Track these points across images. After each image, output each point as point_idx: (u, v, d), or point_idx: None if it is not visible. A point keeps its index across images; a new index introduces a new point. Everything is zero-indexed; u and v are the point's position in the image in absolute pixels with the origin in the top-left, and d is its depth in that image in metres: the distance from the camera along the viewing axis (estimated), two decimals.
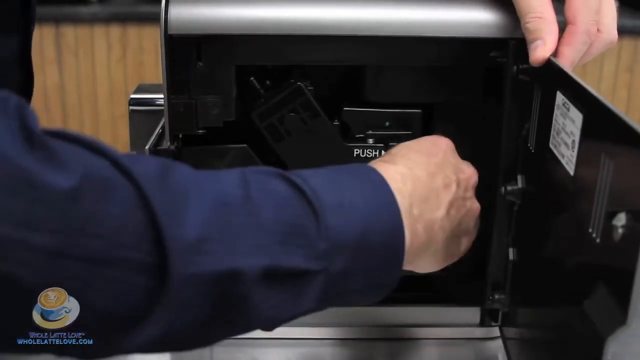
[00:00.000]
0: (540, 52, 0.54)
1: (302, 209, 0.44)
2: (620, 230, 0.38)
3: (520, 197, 0.60)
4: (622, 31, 0.57)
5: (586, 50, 0.56)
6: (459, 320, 0.69)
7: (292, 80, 0.64)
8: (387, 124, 0.65)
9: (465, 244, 0.58)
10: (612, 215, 0.39)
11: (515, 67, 0.59)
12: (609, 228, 0.39)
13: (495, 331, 0.69)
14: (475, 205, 0.57)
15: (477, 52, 0.60)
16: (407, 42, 0.60)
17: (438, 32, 0.59)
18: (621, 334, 0.39)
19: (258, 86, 0.65)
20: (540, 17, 0.55)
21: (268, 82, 0.66)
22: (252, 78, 0.65)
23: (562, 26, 0.56)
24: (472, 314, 0.69)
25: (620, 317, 0.38)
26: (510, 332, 0.66)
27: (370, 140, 0.66)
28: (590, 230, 0.43)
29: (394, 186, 0.49)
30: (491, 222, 0.63)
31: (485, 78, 0.64)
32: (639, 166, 0.37)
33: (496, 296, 0.66)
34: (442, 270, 0.58)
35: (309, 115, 0.64)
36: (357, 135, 0.65)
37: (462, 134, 0.66)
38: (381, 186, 0.48)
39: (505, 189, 0.61)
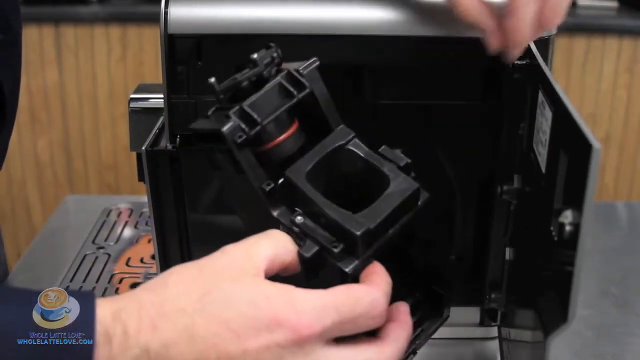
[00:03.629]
0: (490, 42, 0.54)
1: None
2: (567, 228, 0.38)
3: (516, 196, 0.60)
4: (622, 31, 0.57)
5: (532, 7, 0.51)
6: (459, 320, 0.69)
7: (230, 115, 0.49)
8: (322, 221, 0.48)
9: None
10: (560, 212, 0.39)
11: (511, 66, 0.59)
12: (560, 225, 0.40)
13: (495, 331, 0.69)
14: None
15: (476, 52, 0.60)
16: (406, 41, 0.60)
17: (437, 32, 0.59)
18: (562, 332, 0.39)
19: (217, 87, 0.51)
20: (466, 10, 0.54)
21: (265, 72, 0.52)
22: (212, 79, 0.51)
23: None
24: (472, 313, 0.69)
25: (562, 315, 0.39)
26: (504, 332, 0.66)
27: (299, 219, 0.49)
28: (551, 228, 0.43)
29: None
30: (489, 221, 0.63)
31: (483, 78, 0.64)
32: (582, 163, 0.37)
33: (493, 295, 0.66)
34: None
35: (236, 167, 0.50)
36: (295, 207, 0.50)
37: (460, 133, 0.67)
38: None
39: (502, 188, 0.61)
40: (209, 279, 0.43)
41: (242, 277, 0.43)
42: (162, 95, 0.61)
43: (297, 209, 0.49)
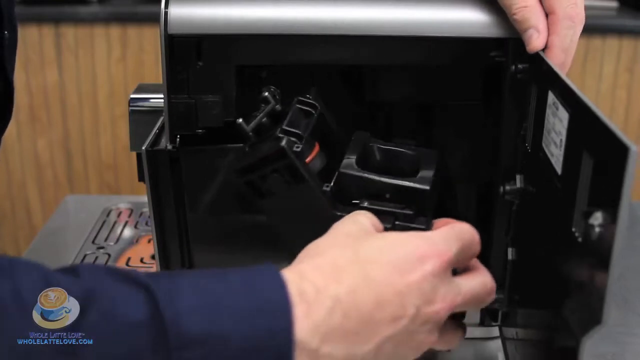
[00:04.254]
0: (535, 40, 0.55)
1: (148, 344, 0.40)
2: (597, 229, 0.38)
3: (518, 196, 0.60)
4: (622, 31, 0.57)
5: (572, 35, 0.56)
6: None
7: (279, 135, 0.57)
8: (387, 195, 0.56)
9: None
10: (589, 213, 0.39)
11: (513, 67, 0.59)
12: (588, 227, 0.40)
13: (495, 331, 0.69)
14: (428, 340, 0.48)
15: (477, 52, 0.60)
16: (407, 41, 0.60)
17: (438, 31, 0.59)
18: (596, 333, 0.39)
19: (246, 127, 0.59)
20: (525, 6, 0.55)
21: (277, 106, 0.61)
22: (240, 120, 0.59)
23: None
24: (472, 313, 0.69)
25: (595, 317, 0.38)
26: (508, 332, 0.66)
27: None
28: (573, 229, 0.43)
29: (310, 320, 0.43)
30: (492, 221, 0.63)
31: (485, 78, 0.64)
32: (616, 165, 0.37)
33: (494, 295, 0.66)
34: None
35: (293, 179, 0.57)
36: (353, 201, 0.57)
37: (462, 133, 0.67)
38: (279, 318, 0.42)
39: (504, 188, 0.61)
40: (352, 240, 0.49)
41: (372, 234, 0.51)
42: (162, 95, 0.61)
43: (353, 201, 0.57)
